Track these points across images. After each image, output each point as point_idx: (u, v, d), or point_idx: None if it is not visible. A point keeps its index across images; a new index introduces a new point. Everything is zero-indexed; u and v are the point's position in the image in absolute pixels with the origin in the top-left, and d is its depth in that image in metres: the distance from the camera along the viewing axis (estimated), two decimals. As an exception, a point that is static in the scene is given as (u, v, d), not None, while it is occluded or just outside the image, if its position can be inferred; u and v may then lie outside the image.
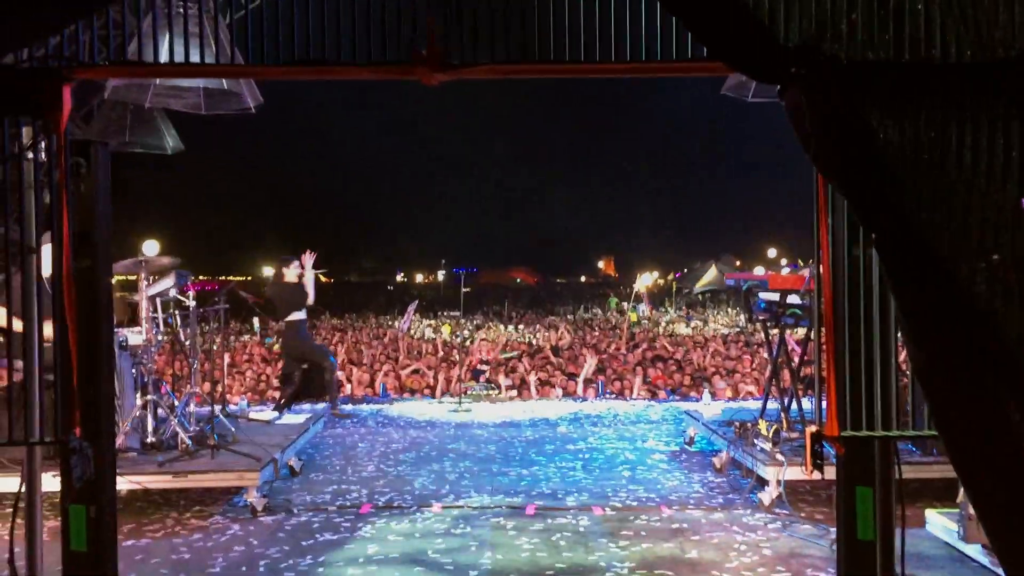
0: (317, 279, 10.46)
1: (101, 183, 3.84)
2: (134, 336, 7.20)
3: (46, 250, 3.72)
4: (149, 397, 7.10)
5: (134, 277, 7.46)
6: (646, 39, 3.41)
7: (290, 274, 10.32)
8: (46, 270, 3.81)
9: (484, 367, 14.25)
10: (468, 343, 17.08)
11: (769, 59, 2.80)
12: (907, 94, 2.75)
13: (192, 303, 8.01)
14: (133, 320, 7.34)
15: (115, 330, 6.84)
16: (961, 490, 5.42)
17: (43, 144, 3.69)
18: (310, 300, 10.42)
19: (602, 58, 3.45)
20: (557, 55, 3.44)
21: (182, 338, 8.20)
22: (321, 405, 10.37)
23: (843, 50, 2.80)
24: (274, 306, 10.57)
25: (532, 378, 13.29)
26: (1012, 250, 3.01)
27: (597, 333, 19.47)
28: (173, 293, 7.85)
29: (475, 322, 24.14)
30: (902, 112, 2.74)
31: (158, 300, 7.56)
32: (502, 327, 21.93)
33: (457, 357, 14.68)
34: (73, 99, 3.57)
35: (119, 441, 6.85)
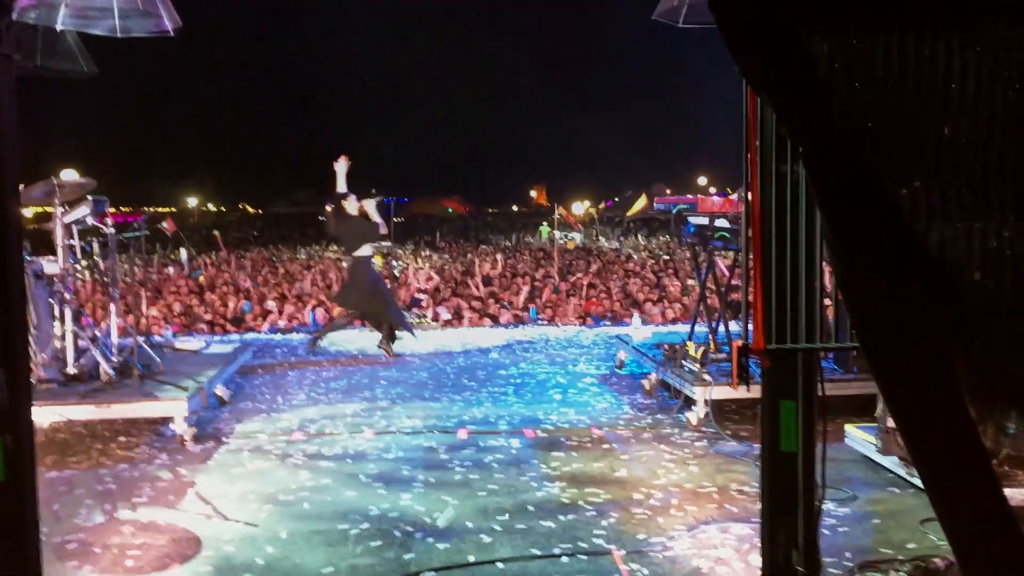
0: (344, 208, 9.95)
1: (6, 97, 3.62)
2: (50, 265, 6.94)
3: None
4: (68, 327, 6.89)
5: (50, 209, 7.16)
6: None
7: (350, 207, 9.94)
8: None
9: (421, 296, 14.18)
10: (400, 272, 16.97)
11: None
12: (838, 4, 2.72)
13: (111, 231, 7.73)
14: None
15: (29, 258, 6.62)
16: (879, 405, 5.61)
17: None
18: (382, 230, 10.14)
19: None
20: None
21: (101, 267, 7.95)
22: (250, 335, 10.22)
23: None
24: (342, 240, 10.17)
25: (467, 311, 13.28)
26: (937, 173, 3.03)
27: (529, 260, 19.52)
28: (90, 221, 7.56)
29: (408, 250, 23.97)
30: (831, 23, 2.71)
31: (74, 228, 7.29)
32: (435, 256, 21.83)
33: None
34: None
35: (37, 372, 6.66)
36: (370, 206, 10.01)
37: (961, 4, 2.96)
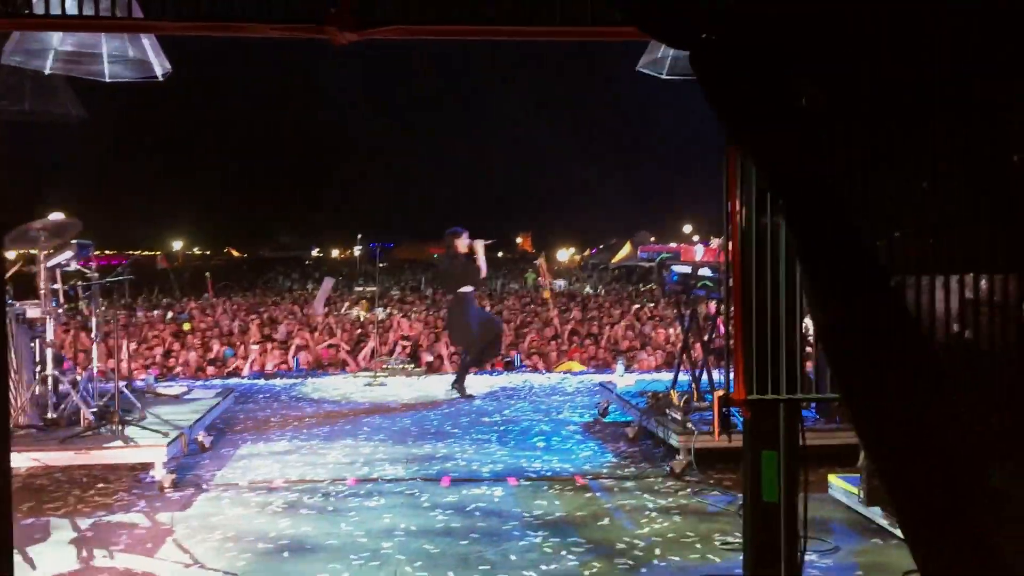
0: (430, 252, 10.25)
1: (-9, 143, 3.64)
2: (32, 308, 6.92)
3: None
4: (49, 372, 6.84)
5: (35, 251, 7.15)
6: (562, 4, 3.39)
7: (461, 244, 10.04)
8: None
9: (405, 342, 14.15)
10: (386, 318, 16.93)
11: (680, 24, 2.80)
12: (820, 59, 2.80)
13: (95, 275, 7.71)
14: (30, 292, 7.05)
15: (10, 302, 6.59)
16: (862, 455, 5.61)
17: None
18: (483, 274, 10.20)
19: (518, 21, 3.42)
20: (472, 17, 3.39)
21: (84, 312, 7.91)
22: (233, 380, 10.16)
23: (756, 14, 2.82)
24: (443, 278, 10.17)
25: (446, 352, 13.25)
26: (916, 226, 3.09)
27: (513, 306, 19.53)
28: (74, 265, 7.55)
29: (393, 296, 23.95)
30: (812, 77, 2.79)
31: (58, 271, 7.27)
32: (417, 303, 21.81)
33: (374, 332, 14.54)
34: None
35: (17, 418, 6.59)
36: (479, 246, 10.11)
37: (946, 55, 3.04)
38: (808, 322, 4.46)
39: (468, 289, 10.17)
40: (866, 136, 3.07)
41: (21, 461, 6.10)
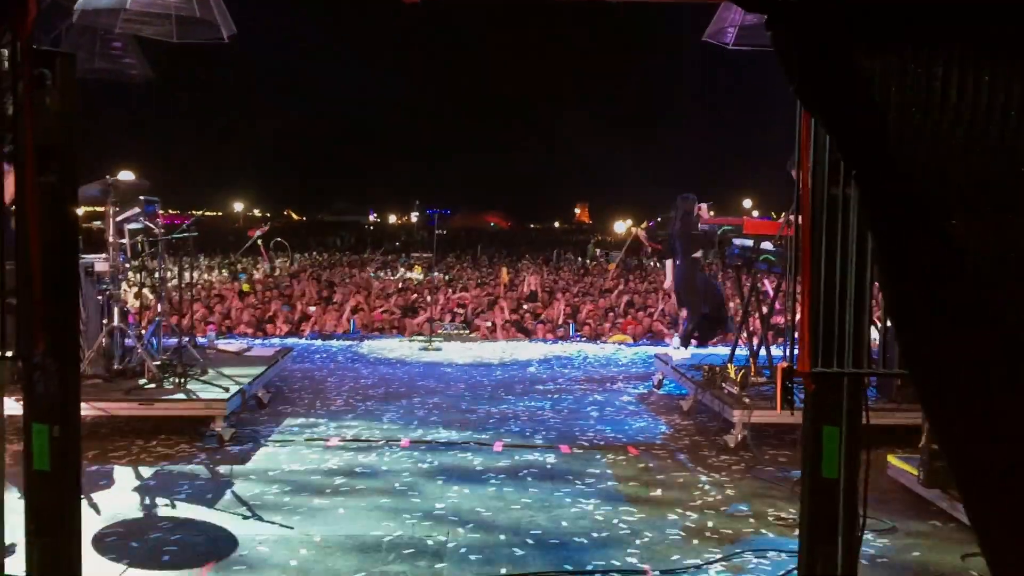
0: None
1: (67, 96, 3.70)
2: (100, 263, 7.08)
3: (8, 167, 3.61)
4: (115, 324, 7.01)
5: (101, 208, 7.30)
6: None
7: (704, 211, 10.11)
8: (10, 187, 3.70)
9: (460, 310, 14.22)
10: (444, 284, 17.02)
11: (759, -13, 2.72)
12: (898, 27, 2.70)
13: (161, 231, 7.86)
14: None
15: (81, 256, 6.74)
16: (924, 436, 5.50)
17: (5, 53, 3.55)
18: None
19: (588, -19, 3.36)
20: (542, -24, 3.34)
21: (150, 266, 8.08)
22: (291, 340, 10.31)
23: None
24: (677, 242, 10.21)
25: (499, 320, 13.27)
26: (995, 206, 2.98)
27: (569, 277, 19.48)
28: (142, 221, 7.70)
29: (448, 265, 24.05)
30: (890, 46, 2.69)
31: (125, 227, 7.42)
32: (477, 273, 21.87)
33: (429, 299, 14.63)
34: (40, 19, 3.43)
35: (85, 367, 6.77)
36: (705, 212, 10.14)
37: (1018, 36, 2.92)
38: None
39: (698, 255, 10.11)
40: (945, 110, 2.97)
41: (87, 410, 6.26)
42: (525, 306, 14.77)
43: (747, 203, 43.05)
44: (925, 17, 2.80)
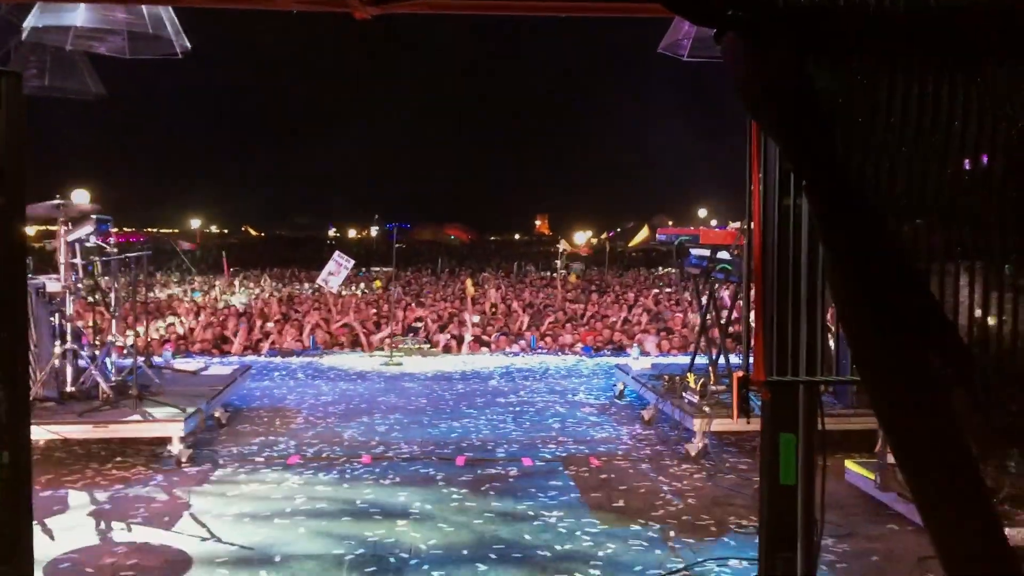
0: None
1: (15, 117, 3.64)
2: (52, 283, 6.96)
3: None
4: (68, 346, 6.88)
5: (54, 227, 7.19)
6: (584, -22, 3.35)
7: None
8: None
9: (419, 324, 14.17)
10: (400, 299, 16.94)
11: (706, 1, 2.76)
12: (844, 41, 2.74)
13: (114, 250, 7.75)
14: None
15: (30, 276, 6.63)
16: (879, 441, 5.59)
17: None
18: None
19: (539, -4, 3.39)
20: (493, -8, 3.36)
21: (103, 286, 7.96)
22: (249, 358, 10.19)
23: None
24: None
25: (468, 336, 13.24)
26: (939, 211, 3.04)
27: (529, 290, 19.50)
28: (93, 240, 7.59)
29: (406, 278, 23.96)
30: (836, 56, 2.74)
31: (77, 247, 7.31)
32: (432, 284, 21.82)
33: (388, 312, 14.55)
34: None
35: (36, 390, 6.64)
36: None
37: (963, 43, 2.99)
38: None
39: None
40: (889, 120, 3.02)
41: (40, 434, 6.15)
42: (485, 317, 14.75)
43: (702, 212, 43.48)
44: (871, 31, 2.86)
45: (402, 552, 4.77)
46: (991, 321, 3.29)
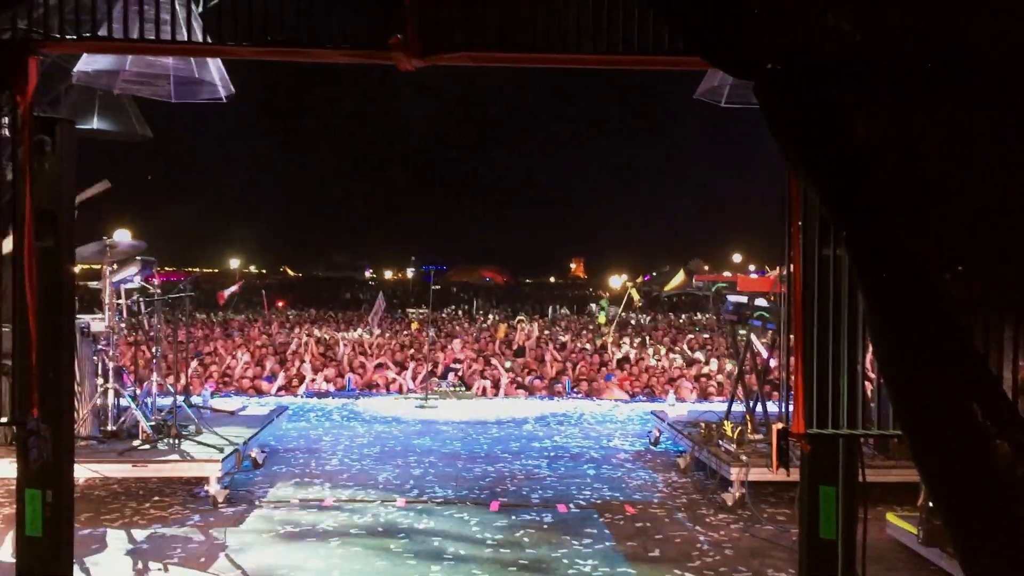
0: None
1: (66, 162, 3.76)
2: (96, 323, 7.09)
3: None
4: (110, 385, 6.99)
5: (98, 266, 7.34)
6: (624, 31, 3.40)
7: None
8: (7, 249, 3.73)
9: (456, 365, 14.20)
10: (436, 341, 17.00)
11: (745, 55, 2.80)
12: (878, 91, 2.77)
13: (157, 291, 7.88)
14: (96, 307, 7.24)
15: (77, 316, 6.76)
16: (922, 493, 5.48)
17: (6, 121, 3.62)
18: None
19: (580, 48, 3.44)
20: (535, 44, 3.42)
21: (146, 327, 8.09)
22: (287, 399, 10.27)
23: (817, 47, 2.81)
24: None
25: (504, 379, 13.24)
26: (978, 258, 3.02)
27: (567, 335, 19.48)
28: (138, 281, 7.73)
29: (444, 319, 24.05)
30: (871, 108, 2.76)
31: (122, 288, 7.45)
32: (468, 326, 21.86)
33: (426, 352, 14.61)
34: (40, 81, 3.50)
35: (79, 429, 6.74)
36: None
37: (1006, 91, 2.98)
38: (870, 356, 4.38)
39: None
40: (929, 171, 3.02)
41: (80, 472, 6.21)
42: (519, 361, 14.75)
43: (737, 257, 43.25)
44: (909, 82, 2.87)
45: (436, 598, 4.75)
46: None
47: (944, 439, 2.98)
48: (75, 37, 3.61)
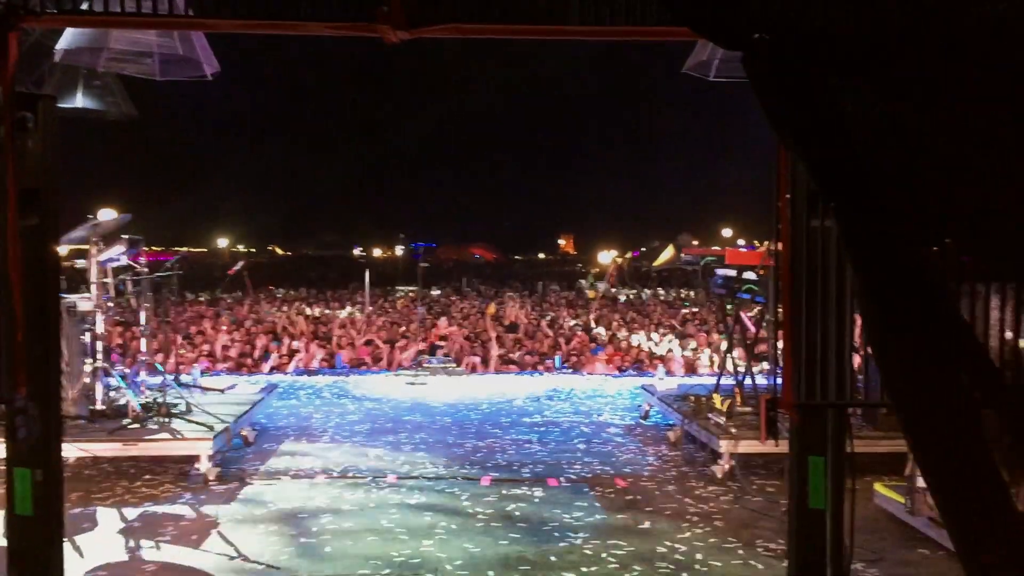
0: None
1: (49, 139, 3.72)
2: (83, 302, 7.05)
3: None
4: (99, 364, 6.96)
5: (85, 247, 7.29)
6: (611, 1, 3.38)
7: None
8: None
9: (442, 343, 14.20)
10: (425, 318, 16.98)
11: (734, 25, 2.77)
12: (870, 63, 2.75)
13: (144, 269, 7.84)
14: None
15: (62, 295, 6.72)
16: (909, 464, 5.52)
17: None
18: None
19: (568, 19, 3.42)
20: (521, 16, 3.39)
21: (134, 305, 8.04)
22: (276, 377, 10.25)
23: (809, 17, 2.79)
24: None
25: (494, 353, 13.25)
26: (970, 233, 3.02)
27: (555, 310, 19.50)
28: (125, 259, 7.68)
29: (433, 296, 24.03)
30: (862, 80, 2.74)
31: (108, 266, 7.40)
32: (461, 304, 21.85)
33: (415, 330, 14.61)
34: (23, 60, 3.45)
35: (67, 408, 6.72)
36: None
37: (993, 64, 2.97)
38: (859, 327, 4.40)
39: None
40: (917, 140, 3.01)
41: (70, 451, 6.21)
42: (510, 337, 14.76)
43: (727, 232, 43.29)
44: (898, 53, 2.86)
45: (428, 572, 4.77)
46: (1023, 343, 3.26)
47: (932, 408, 3.00)
48: (55, 11, 3.56)
